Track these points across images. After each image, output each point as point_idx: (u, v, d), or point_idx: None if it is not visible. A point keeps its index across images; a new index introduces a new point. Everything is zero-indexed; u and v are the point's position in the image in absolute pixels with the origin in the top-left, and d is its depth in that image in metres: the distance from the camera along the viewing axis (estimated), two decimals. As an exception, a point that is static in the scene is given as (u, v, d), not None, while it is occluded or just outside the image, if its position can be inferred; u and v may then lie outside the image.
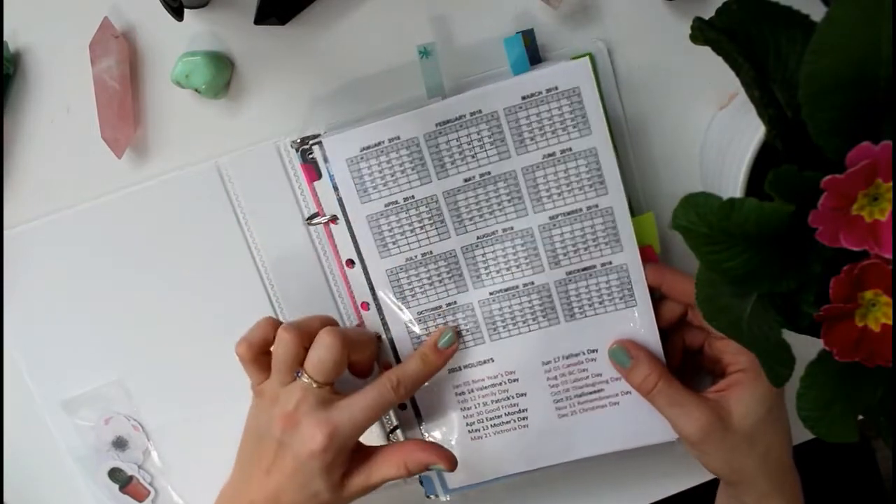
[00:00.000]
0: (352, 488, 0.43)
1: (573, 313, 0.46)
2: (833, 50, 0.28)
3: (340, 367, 0.43)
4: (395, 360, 0.48)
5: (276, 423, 0.42)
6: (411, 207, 0.45)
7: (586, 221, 0.44)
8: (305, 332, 0.43)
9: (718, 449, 0.42)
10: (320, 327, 0.43)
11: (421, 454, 0.44)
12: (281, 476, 0.42)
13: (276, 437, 0.42)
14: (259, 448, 0.43)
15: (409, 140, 0.43)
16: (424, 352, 0.46)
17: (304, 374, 0.42)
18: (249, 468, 0.44)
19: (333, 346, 0.42)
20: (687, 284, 0.43)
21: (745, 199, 0.30)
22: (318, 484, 0.42)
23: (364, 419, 0.42)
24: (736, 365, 0.43)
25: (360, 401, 0.42)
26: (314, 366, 0.42)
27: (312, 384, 0.42)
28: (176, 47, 0.47)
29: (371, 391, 0.43)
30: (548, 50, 0.46)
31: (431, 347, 0.46)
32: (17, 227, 0.50)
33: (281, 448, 0.42)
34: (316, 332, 0.43)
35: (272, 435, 0.42)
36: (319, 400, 0.42)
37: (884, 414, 0.34)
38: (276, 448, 0.42)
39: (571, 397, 0.47)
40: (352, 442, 0.43)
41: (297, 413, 0.42)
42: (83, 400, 0.52)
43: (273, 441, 0.42)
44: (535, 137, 0.43)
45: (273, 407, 0.43)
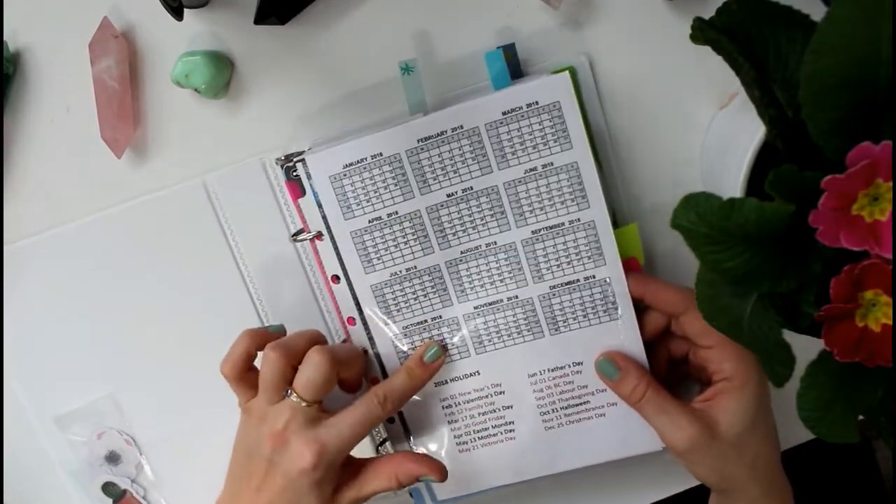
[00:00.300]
0: (343, 503, 0.44)
1: (557, 327, 0.46)
2: (833, 50, 0.28)
3: (329, 386, 0.43)
4: (382, 374, 0.48)
5: (265, 442, 0.42)
6: (395, 223, 0.45)
7: (569, 235, 0.44)
8: (293, 351, 0.43)
9: (706, 458, 0.42)
10: (307, 345, 0.43)
11: (411, 466, 0.44)
12: (271, 494, 0.42)
13: (266, 455, 0.42)
14: (249, 466, 0.43)
15: (391, 156, 0.44)
16: (410, 366, 0.46)
17: (293, 394, 0.42)
18: (240, 486, 0.44)
19: (322, 365, 0.42)
20: (670, 294, 0.43)
21: (745, 199, 0.30)
22: (308, 501, 0.42)
23: (352, 436, 0.42)
24: (720, 374, 0.43)
25: (348, 418, 0.43)
26: (303, 385, 0.42)
27: (301, 403, 0.42)
28: (176, 47, 0.47)
29: (359, 407, 0.43)
30: (530, 64, 0.46)
31: (417, 362, 0.46)
32: (13, 243, 0.51)
33: (271, 466, 0.42)
34: (303, 350, 0.43)
35: (261, 453, 0.42)
36: (308, 418, 0.42)
37: (884, 414, 0.34)
38: (265, 466, 0.42)
39: (558, 409, 0.47)
40: (341, 458, 0.43)
41: (286, 432, 0.42)
42: (76, 415, 0.52)
43: (262, 459, 0.42)
44: (516, 152, 0.43)
45: (261, 425, 0.43)
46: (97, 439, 0.53)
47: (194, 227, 0.49)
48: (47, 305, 0.51)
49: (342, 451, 0.42)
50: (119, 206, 0.50)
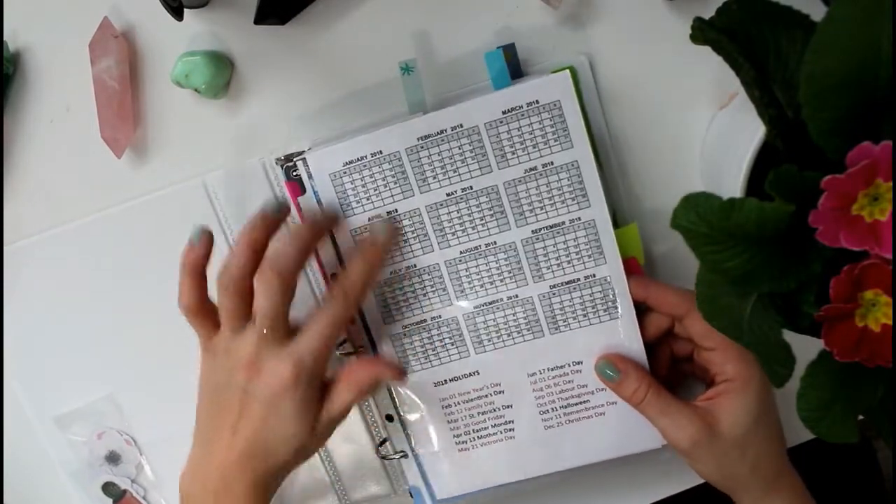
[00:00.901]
0: (321, 427, 0.42)
1: (557, 326, 0.46)
2: (833, 50, 0.28)
3: (289, 300, 0.40)
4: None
5: (237, 374, 0.40)
6: (394, 221, 0.45)
7: (569, 234, 0.44)
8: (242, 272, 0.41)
9: (708, 456, 0.42)
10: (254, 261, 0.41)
11: (369, 370, 0.42)
12: (250, 429, 0.40)
13: (240, 386, 0.40)
14: (220, 405, 0.41)
15: (391, 154, 0.44)
16: (363, 249, 0.43)
17: (255, 322, 0.40)
18: (211, 433, 0.42)
19: (279, 285, 0.40)
20: (673, 297, 0.43)
21: (745, 199, 0.30)
22: (292, 426, 0.40)
23: (323, 343, 0.41)
24: (722, 375, 0.43)
25: (314, 327, 0.41)
26: (264, 309, 0.40)
27: (265, 322, 0.40)
28: (176, 47, 0.47)
29: (321, 314, 0.41)
30: (530, 64, 0.46)
31: (369, 245, 0.43)
32: (13, 243, 0.51)
33: (246, 396, 0.40)
34: (251, 267, 0.41)
35: (234, 386, 0.41)
36: (277, 339, 0.40)
37: (884, 414, 0.34)
38: (240, 398, 0.41)
39: (557, 409, 0.47)
40: (319, 370, 0.41)
41: (258, 357, 0.40)
42: (76, 415, 0.52)
43: (236, 392, 0.41)
44: (516, 152, 0.43)
45: (228, 358, 0.41)
46: (97, 439, 0.53)
47: (194, 227, 0.49)
48: (47, 305, 0.51)
49: (318, 361, 0.41)
50: (119, 206, 0.50)
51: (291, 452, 0.41)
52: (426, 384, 0.47)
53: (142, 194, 0.49)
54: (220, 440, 0.41)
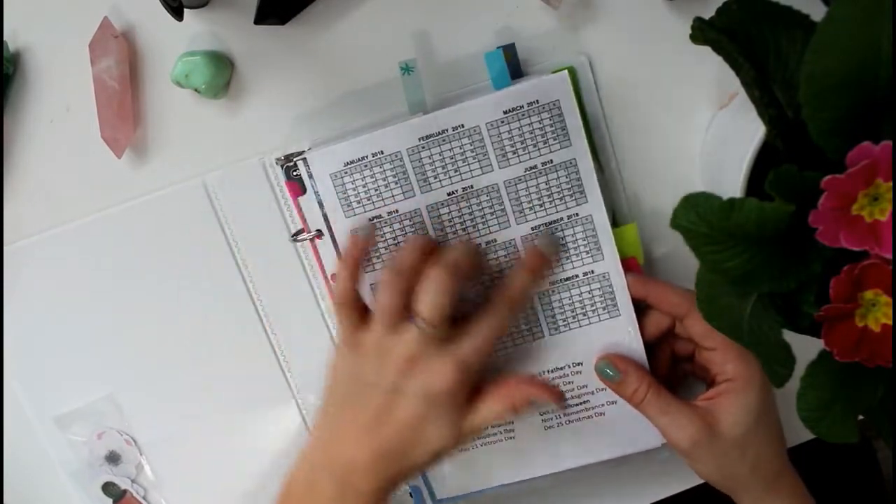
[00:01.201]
0: (463, 433, 0.41)
1: (557, 326, 0.46)
2: (833, 50, 0.28)
3: (455, 301, 0.40)
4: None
5: (390, 371, 0.40)
6: (395, 221, 0.45)
7: (567, 230, 0.44)
8: (410, 271, 0.40)
9: (708, 456, 0.42)
10: (422, 262, 0.40)
11: (527, 388, 0.41)
12: (392, 430, 0.40)
13: (390, 386, 0.40)
14: (357, 400, 0.41)
15: (392, 154, 0.44)
16: (530, 262, 0.44)
17: (420, 320, 0.39)
18: (342, 424, 0.41)
19: (447, 285, 0.39)
20: (673, 296, 0.43)
21: (745, 199, 0.30)
22: (443, 428, 0.40)
23: (487, 349, 0.40)
24: (723, 375, 0.43)
25: (479, 331, 0.41)
26: (430, 310, 0.39)
27: (431, 328, 0.39)
28: (176, 47, 0.47)
29: (489, 318, 0.41)
30: (530, 64, 0.46)
31: (535, 255, 0.44)
32: (13, 243, 0.51)
33: (396, 396, 0.40)
34: (420, 268, 0.40)
35: (383, 385, 0.40)
36: (440, 339, 0.40)
37: (884, 414, 0.34)
38: (387, 399, 0.40)
39: (557, 409, 0.47)
40: (477, 373, 0.40)
41: (420, 356, 0.39)
42: (76, 415, 0.52)
43: (383, 392, 0.40)
44: (516, 151, 0.43)
45: (383, 356, 0.40)
46: (97, 439, 0.53)
47: (194, 227, 0.49)
48: (47, 305, 0.51)
49: (481, 364, 0.40)
50: (119, 206, 0.50)
51: (430, 455, 0.41)
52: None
53: (142, 194, 0.49)
54: (350, 434, 0.41)
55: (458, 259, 0.41)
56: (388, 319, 0.41)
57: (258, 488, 0.52)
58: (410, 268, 0.41)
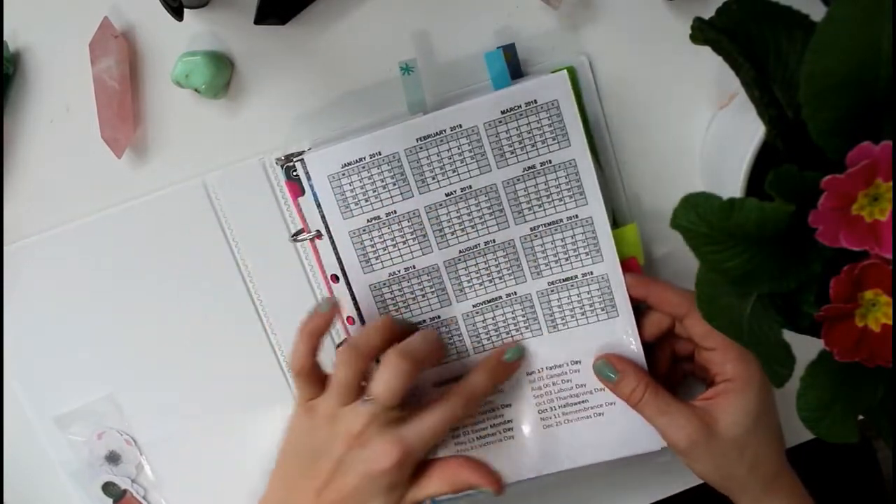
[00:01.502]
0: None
1: (556, 324, 0.46)
2: (833, 50, 0.28)
3: (408, 389, 0.41)
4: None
5: (339, 442, 0.41)
6: (393, 222, 0.45)
7: (567, 232, 0.44)
8: (369, 351, 0.42)
9: (706, 456, 0.42)
10: (382, 343, 0.42)
11: (468, 474, 0.42)
12: (336, 496, 0.41)
13: (337, 456, 0.41)
14: (311, 467, 0.42)
15: (390, 155, 0.44)
16: (493, 365, 0.45)
17: (372, 400, 0.41)
18: (295, 488, 0.42)
19: (404, 371, 0.40)
20: (673, 296, 0.43)
21: (745, 199, 0.30)
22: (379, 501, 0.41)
23: (434, 437, 0.41)
24: (722, 375, 0.43)
25: (430, 419, 0.41)
26: (383, 391, 0.40)
27: (382, 409, 0.40)
28: (176, 47, 0.47)
29: (440, 408, 0.42)
30: (530, 64, 0.46)
31: (498, 360, 0.45)
32: (13, 243, 0.50)
33: (341, 467, 0.41)
34: (380, 348, 0.42)
35: (331, 454, 0.41)
36: (389, 420, 0.41)
37: (884, 414, 0.34)
38: (333, 467, 0.41)
39: (556, 408, 0.47)
40: (420, 458, 0.42)
41: (366, 432, 0.40)
42: (76, 415, 0.52)
43: (331, 460, 0.41)
44: (515, 151, 0.43)
45: (334, 425, 0.41)
46: (97, 439, 0.53)
47: (194, 227, 0.49)
48: (47, 305, 0.51)
49: (424, 452, 0.41)
50: (119, 206, 0.50)
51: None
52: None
53: (142, 194, 0.49)
54: (301, 496, 0.42)
55: (419, 348, 0.42)
56: (343, 394, 0.42)
57: (258, 488, 0.52)
58: (370, 347, 0.42)
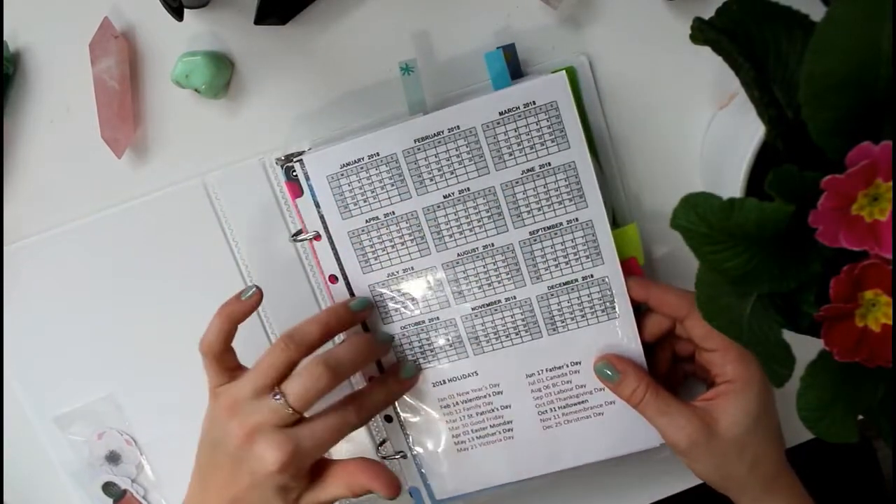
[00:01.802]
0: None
1: (555, 326, 0.46)
2: (833, 50, 0.28)
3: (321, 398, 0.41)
4: (380, 372, 0.48)
5: (232, 438, 0.40)
6: (392, 223, 0.45)
7: (566, 235, 0.44)
8: (305, 347, 0.41)
9: (706, 456, 0.42)
10: (320, 339, 0.42)
11: (363, 479, 0.42)
12: (237, 490, 0.41)
13: (231, 451, 0.41)
14: (214, 459, 0.42)
15: (388, 156, 0.44)
16: (388, 382, 0.46)
17: (283, 399, 0.40)
18: (208, 478, 0.43)
19: (323, 382, 0.40)
20: (673, 298, 0.43)
21: (745, 199, 0.30)
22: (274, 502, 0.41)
23: (324, 443, 0.41)
24: (723, 376, 0.43)
25: (322, 424, 0.41)
26: (297, 395, 0.40)
27: (287, 409, 0.40)
28: (176, 47, 0.47)
29: (334, 415, 0.42)
30: (529, 64, 0.46)
31: (395, 379, 0.46)
32: (13, 243, 0.51)
33: (236, 463, 0.41)
34: (314, 346, 0.42)
35: (227, 449, 0.41)
36: (284, 422, 0.40)
37: (884, 414, 0.34)
38: (231, 462, 0.41)
39: (556, 408, 0.47)
40: (310, 462, 0.41)
41: (256, 430, 0.40)
42: (75, 415, 0.52)
43: (227, 455, 0.41)
44: (513, 153, 0.43)
45: (231, 419, 0.41)
46: (97, 439, 0.53)
47: (194, 227, 0.49)
48: (47, 305, 0.51)
49: (313, 455, 0.41)
50: (119, 206, 0.50)
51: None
52: (425, 385, 0.47)
53: (142, 194, 0.49)
54: (213, 489, 0.42)
55: (343, 359, 0.42)
56: (259, 380, 0.41)
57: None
58: (306, 341, 0.41)
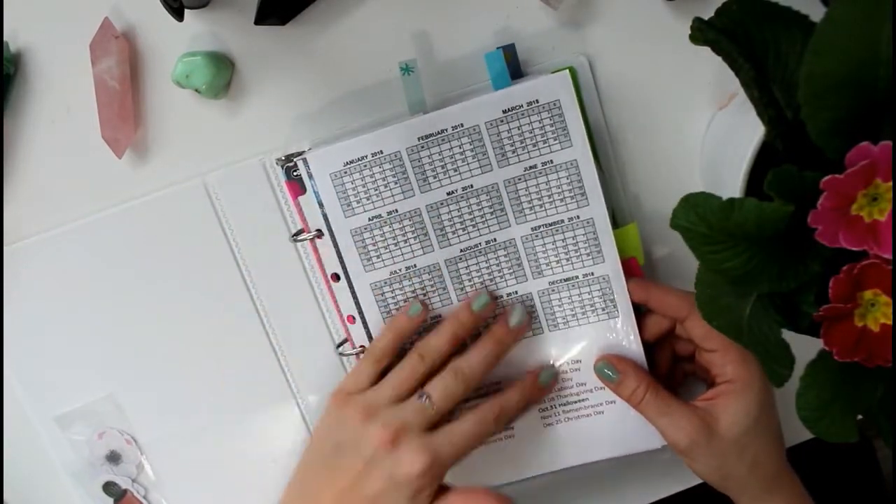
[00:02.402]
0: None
1: (556, 323, 0.46)
2: (833, 50, 0.28)
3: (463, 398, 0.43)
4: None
5: (369, 441, 0.40)
6: (395, 221, 0.45)
7: (568, 232, 0.44)
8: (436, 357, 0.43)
9: (706, 456, 0.42)
10: (448, 352, 0.44)
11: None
12: (370, 492, 0.40)
13: (366, 455, 0.40)
14: (337, 462, 0.41)
15: (391, 154, 0.44)
16: (528, 387, 0.45)
17: (427, 399, 0.41)
18: (318, 484, 0.42)
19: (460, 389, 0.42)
20: (674, 299, 0.44)
21: (745, 199, 0.30)
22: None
23: (465, 448, 0.41)
24: (723, 377, 0.43)
25: (461, 429, 0.42)
26: (440, 394, 0.42)
27: (431, 409, 0.41)
28: (176, 47, 0.47)
29: (473, 420, 0.42)
30: (530, 65, 0.46)
31: (534, 383, 0.46)
32: (13, 243, 0.50)
33: (368, 467, 0.40)
34: (445, 356, 0.43)
35: (360, 452, 0.40)
36: (427, 423, 0.41)
37: (883, 414, 0.34)
38: (361, 467, 0.40)
39: (556, 406, 0.47)
40: (447, 468, 0.41)
41: (400, 433, 0.40)
42: (76, 415, 0.52)
43: (359, 459, 0.40)
44: (516, 150, 0.43)
45: (368, 423, 0.41)
46: (98, 439, 0.53)
47: (194, 227, 0.49)
48: (47, 306, 0.51)
49: (450, 462, 0.41)
50: (119, 206, 0.50)
51: None
52: None
53: (142, 194, 0.49)
54: (325, 493, 0.41)
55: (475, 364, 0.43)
56: (400, 388, 0.42)
57: (258, 488, 0.52)
58: (441, 352, 0.44)
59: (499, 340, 0.45)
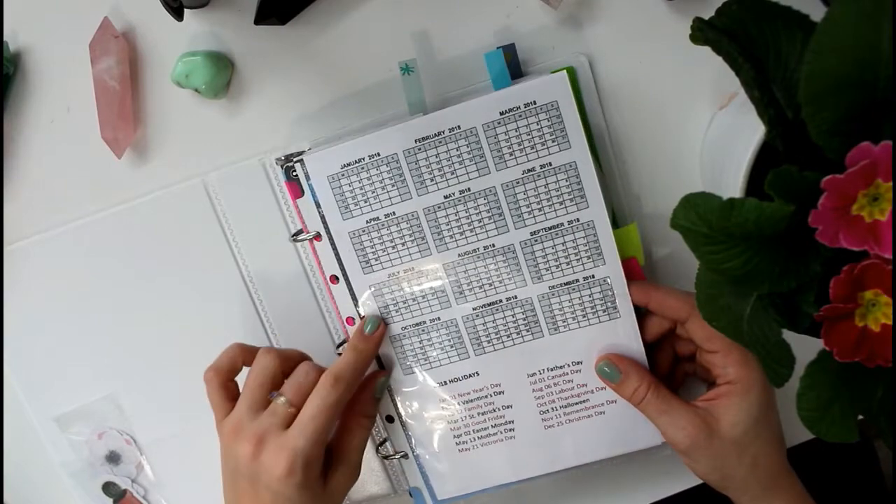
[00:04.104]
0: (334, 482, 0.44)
1: (557, 326, 0.46)
2: (833, 50, 0.28)
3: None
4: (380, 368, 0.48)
5: (242, 458, 0.42)
6: (392, 224, 0.45)
7: (567, 236, 0.44)
8: (286, 357, 0.44)
9: (706, 456, 0.42)
10: (299, 358, 0.45)
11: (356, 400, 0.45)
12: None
13: (246, 473, 0.42)
14: (236, 487, 0.43)
15: (388, 156, 0.44)
16: (354, 343, 0.46)
17: (281, 397, 0.42)
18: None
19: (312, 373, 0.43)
20: (674, 301, 0.43)
21: (745, 199, 0.30)
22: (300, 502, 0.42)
23: (317, 429, 0.42)
24: (724, 377, 0.43)
25: (307, 412, 0.42)
26: (294, 389, 0.43)
27: (286, 406, 0.42)
28: (176, 47, 0.47)
29: (313, 399, 0.43)
30: (529, 65, 0.46)
31: (360, 336, 0.46)
32: (13, 243, 0.51)
33: (253, 483, 0.42)
34: (296, 360, 0.45)
35: (242, 472, 0.42)
36: (285, 421, 0.42)
37: (884, 414, 0.34)
38: (249, 484, 0.42)
39: (557, 408, 0.47)
40: (316, 453, 0.42)
41: (260, 441, 0.41)
42: (76, 415, 0.52)
43: (245, 478, 0.42)
44: (514, 153, 0.43)
45: (236, 442, 0.42)
46: (98, 439, 0.53)
47: (194, 227, 0.49)
48: (47, 305, 0.51)
49: (314, 447, 0.42)
50: (119, 206, 0.50)
51: None
52: (426, 385, 0.47)
53: (142, 194, 0.49)
54: None
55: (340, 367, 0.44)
56: (254, 393, 0.43)
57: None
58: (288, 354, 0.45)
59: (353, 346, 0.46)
